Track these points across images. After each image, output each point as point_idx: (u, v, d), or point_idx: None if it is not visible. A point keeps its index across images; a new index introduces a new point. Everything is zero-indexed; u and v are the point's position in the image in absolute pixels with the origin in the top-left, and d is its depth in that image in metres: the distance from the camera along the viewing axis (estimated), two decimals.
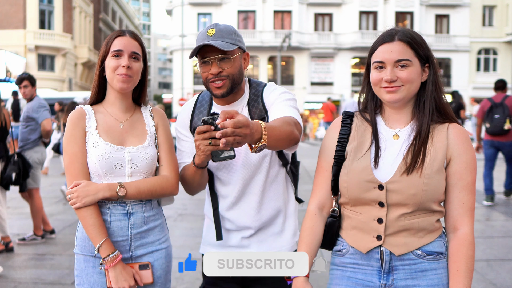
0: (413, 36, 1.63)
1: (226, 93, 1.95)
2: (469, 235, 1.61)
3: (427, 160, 1.57)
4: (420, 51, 1.62)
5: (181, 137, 2.10)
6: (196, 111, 2.09)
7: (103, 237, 1.83)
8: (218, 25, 1.96)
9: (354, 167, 1.64)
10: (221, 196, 2.08)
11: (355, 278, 1.67)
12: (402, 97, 1.62)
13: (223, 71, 1.92)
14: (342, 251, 1.71)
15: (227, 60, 1.92)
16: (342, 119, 1.76)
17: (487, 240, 5.50)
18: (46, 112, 5.58)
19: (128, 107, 2.01)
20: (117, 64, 1.90)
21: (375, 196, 1.60)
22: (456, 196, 1.61)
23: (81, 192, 1.82)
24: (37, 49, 31.09)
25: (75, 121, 1.94)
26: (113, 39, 1.93)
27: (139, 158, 1.92)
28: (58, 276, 4.43)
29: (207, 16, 35.38)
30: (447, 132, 1.62)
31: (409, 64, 1.60)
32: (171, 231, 6.02)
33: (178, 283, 4.27)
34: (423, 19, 35.06)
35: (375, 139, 1.66)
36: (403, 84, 1.60)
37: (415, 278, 1.61)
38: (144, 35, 75.56)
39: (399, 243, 1.60)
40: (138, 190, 1.89)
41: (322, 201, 1.77)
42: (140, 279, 1.90)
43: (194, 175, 1.92)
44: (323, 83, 34.92)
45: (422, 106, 1.63)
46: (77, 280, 1.94)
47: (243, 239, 2.06)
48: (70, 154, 1.90)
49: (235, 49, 1.94)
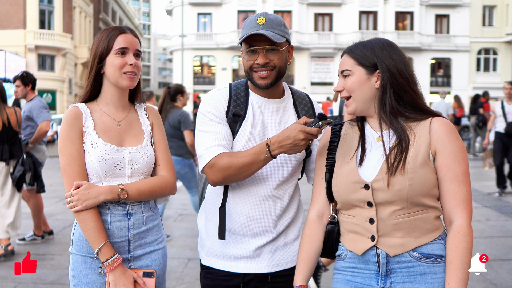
0: (357, 47, 1.69)
1: (270, 85, 1.90)
2: (463, 226, 1.57)
3: (409, 155, 1.57)
4: (362, 59, 1.66)
5: (214, 119, 1.92)
6: (232, 98, 1.96)
7: (102, 241, 1.80)
8: (268, 14, 1.90)
9: (342, 170, 1.68)
10: (244, 195, 1.95)
11: (354, 282, 1.68)
12: (354, 109, 1.69)
13: (270, 62, 1.88)
14: (341, 255, 1.72)
15: (275, 52, 1.88)
16: (332, 127, 1.80)
17: (487, 240, 5.50)
18: (46, 113, 5.55)
19: (124, 106, 1.98)
20: (123, 62, 1.87)
21: (362, 197, 1.61)
22: (447, 188, 1.59)
23: (82, 195, 1.78)
24: (37, 49, 31.08)
25: (71, 121, 1.87)
26: (116, 36, 1.88)
27: (138, 159, 1.90)
28: (58, 276, 4.43)
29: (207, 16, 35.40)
30: (430, 126, 1.62)
31: (350, 73, 1.67)
32: (171, 231, 6.06)
33: (178, 283, 4.27)
34: (423, 19, 35.06)
35: (361, 143, 1.69)
36: (349, 94, 1.68)
37: (413, 281, 1.60)
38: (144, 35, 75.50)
39: (394, 243, 1.60)
40: (139, 191, 1.87)
41: (321, 209, 1.78)
42: (142, 283, 1.86)
43: (257, 164, 1.79)
44: (323, 83, 34.93)
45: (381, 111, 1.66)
46: (74, 281, 1.89)
47: (256, 250, 1.95)
48: (67, 156, 1.84)
49: (283, 42, 1.88)
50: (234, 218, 1.94)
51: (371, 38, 1.74)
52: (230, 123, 1.93)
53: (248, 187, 1.93)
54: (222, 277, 1.99)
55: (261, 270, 1.96)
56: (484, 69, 35.72)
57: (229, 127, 1.92)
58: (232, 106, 1.94)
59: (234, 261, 1.96)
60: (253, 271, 1.96)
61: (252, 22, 1.88)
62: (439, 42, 35.33)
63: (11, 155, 4.97)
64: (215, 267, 1.99)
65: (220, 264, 1.98)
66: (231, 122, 1.93)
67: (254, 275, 1.96)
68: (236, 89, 1.99)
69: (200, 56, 36.90)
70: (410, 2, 34.62)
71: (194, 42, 34.45)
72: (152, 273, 1.89)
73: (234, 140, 1.92)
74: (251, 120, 1.93)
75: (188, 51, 34.33)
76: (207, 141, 1.88)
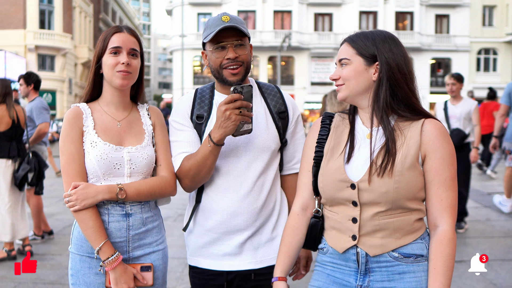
0: (359, 36, 1.66)
1: (240, 80, 1.93)
2: (448, 232, 1.56)
3: (398, 157, 1.55)
4: (362, 49, 1.63)
5: (178, 128, 2.00)
6: (197, 101, 2.03)
7: (102, 240, 1.80)
8: (229, 13, 1.96)
9: (329, 167, 1.65)
10: (221, 191, 1.96)
11: (333, 277, 1.68)
12: (345, 95, 1.66)
13: (239, 57, 1.91)
14: (323, 249, 1.72)
15: (243, 47, 1.92)
16: (322, 120, 1.78)
17: (487, 240, 5.48)
18: (46, 114, 5.55)
19: (126, 106, 1.98)
20: (115, 61, 1.87)
21: (347, 196, 1.60)
22: (434, 193, 1.58)
23: (80, 195, 1.78)
24: (37, 49, 31.09)
25: (72, 120, 1.88)
26: (111, 36, 1.88)
27: (138, 158, 1.90)
28: (58, 276, 4.43)
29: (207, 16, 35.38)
30: (422, 127, 1.59)
31: (348, 62, 1.64)
32: (171, 231, 6.05)
33: (178, 283, 4.27)
34: (423, 19, 35.06)
35: (350, 139, 1.67)
36: (344, 82, 1.65)
37: (392, 280, 1.59)
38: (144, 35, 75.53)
39: (374, 244, 1.59)
40: (137, 191, 1.87)
41: (306, 201, 1.77)
42: (141, 278, 1.88)
43: (208, 157, 1.83)
44: (323, 83, 34.89)
45: (375, 104, 1.63)
46: (72, 280, 1.90)
47: (238, 246, 1.96)
48: (67, 155, 1.85)
49: (247, 38, 1.96)
50: (212, 216, 1.97)
51: (372, 29, 1.71)
52: (195, 126, 1.98)
53: (224, 183, 1.95)
54: (207, 276, 2.00)
55: (244, 267, 1.96)
56: (484, 69, 35.71)
57: (195, 130, 1.98)
58: (196, 109, 2.00)
59: (218, 259, 1.98)
60: (236, 268, 1.96)
61: (217, 20, 1.92)
62: (439, 42, 35.32)
63: (17, 153, 4.96)
64: (200, 266, 2.02)
65: (205, 263, 2.00)
66: (196, 125, 1.99)
67: (237, 273, 1.97)
68: (202, 91, 2.06)
69: (200, 56, 36.83)
70: (410, 2, 34.62)
71: (194, 42, 34.43)
72: (149, 266, 1.90)
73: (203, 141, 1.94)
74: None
75: (188, 51, 34.33)
76: (173, 151, 1.99)
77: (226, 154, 1.94)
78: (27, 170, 4.92)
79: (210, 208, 1.98)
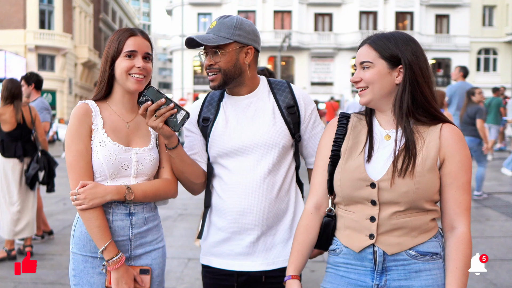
0: (380, 39, 1.65)
1: (217, 86, 1.94)
2: (467, 233, 1.61)
3: (418, 159, 1.58)
4: (385, 53, 1.62)
5: (185, 134, 2.07)
6: (205, 104, 2.06)
7: (107, 239, 1.81)
8: (224, 17, 1.94)
9: (348, 166, 1.66)
10: (229, 189, 1.96)
11: (348, 278, 1.67)
12: (369, 100, 1.66)
13: (215, 64, 1.92)
14: (336, 250, 1.71)
15: (216, 54, 1.90)
16: (339, 119, 1.78)
17: (487, 240, 5.50)
18: (47, 114, 5.55)
19: (134, 107, 1.98)
20: (130, 65, 1.86)
21: (367, 194, 1.61)
22: (452, 195, 1.61)
23: (88, 194, 1.78)
24: (37, 49, 31.09)
25: (82, 117, 1.86)
26: (126, 39, 1.87)
27: (144, 160, 1.91)
28: (58, 276, 4.43)
29: (207, 16, 35.38)
30: (440, 132, 1.62)
31: (370, 65, 1.63)
32: (171, 231, 6.07)
33: (178, 283, 4.27)
34: (423, 19, 35.07)
35: (369, 139, 1.68)
36: (367, 85, 1.64)
37: (408, 278, 1.61)
38: None
39: (392, 242, 1.60)
40: (144, 193, 1.88)
41: (319, 200, 1.77)
42: (140, 281, 1.89)
43: (173, 162, 1.92)
44: (323, 83, 34.93)
45: (398, 109, 1.63)
46: (75, 280, 1.90)
47: (249, 246, 1.94)
48: (75, 152, 1.83)
49: (230, 43, 1.89)
50: (223, 215, 1.97)
51: (392, 31, 1.70)
52: (202, 128, 2.02)
53: (232, 182, 1.95)
54: (217, 276, 2.00)
55: (255, 267, 1.95)
56: (484, 69, 35.72)
57: (200, 134, 2.02)
58: (203, 112, 2.04)
59: (229, 259, 1.97)
60: (247, 269, 1.95)
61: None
62: (439, 42, 35.32)
63: (24, 153, 4.97)
64: (212, 265, 2.02)
65: (216, 262, 2.01)
66: (202, 127, 2.02)
67: (248, 275, 1.96)
68: (212, 94, 2.08)
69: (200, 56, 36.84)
70: (410, 2, 34.62)
71: None
72: (147, 270, 1.92)
73: (209, 143, 1.98)
74: (222, 120, 1.98)
75: (188, 51, 34.29)
76: None
77: (232, 152, 1.95)
78: (37, 169, 4.96)
79: (220, 207, 1.98)
